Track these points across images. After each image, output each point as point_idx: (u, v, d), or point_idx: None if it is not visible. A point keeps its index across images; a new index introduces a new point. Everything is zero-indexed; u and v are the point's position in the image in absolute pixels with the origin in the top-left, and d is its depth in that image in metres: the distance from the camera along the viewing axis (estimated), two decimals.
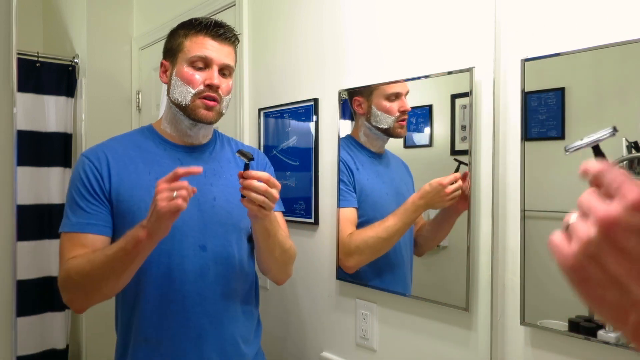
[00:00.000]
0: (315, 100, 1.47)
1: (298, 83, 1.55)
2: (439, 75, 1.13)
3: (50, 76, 2.33)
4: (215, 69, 1.10)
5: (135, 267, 0.98)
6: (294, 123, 1.56)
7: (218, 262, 1.12)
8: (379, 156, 1.32)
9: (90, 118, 2.37)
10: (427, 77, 1.16)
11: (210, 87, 1.09)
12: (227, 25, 1.15)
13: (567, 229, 0.29)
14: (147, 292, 1.08)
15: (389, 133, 1.26)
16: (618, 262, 0.25)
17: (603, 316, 0.28)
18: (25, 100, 2.23)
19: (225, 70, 1.13)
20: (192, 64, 1.10)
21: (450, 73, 1.11)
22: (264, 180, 0.96)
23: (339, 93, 1.38)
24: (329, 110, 1.44)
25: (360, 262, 1.32)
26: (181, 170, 0.90)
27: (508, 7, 1.02)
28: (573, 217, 0.29)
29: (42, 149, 2.29)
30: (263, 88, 1.70)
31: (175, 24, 1.18)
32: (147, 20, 2.42)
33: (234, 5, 1.79)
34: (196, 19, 1.13)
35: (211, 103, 1.10)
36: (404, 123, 1.23)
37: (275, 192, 0.98)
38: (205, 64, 1.10)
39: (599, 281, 0.26)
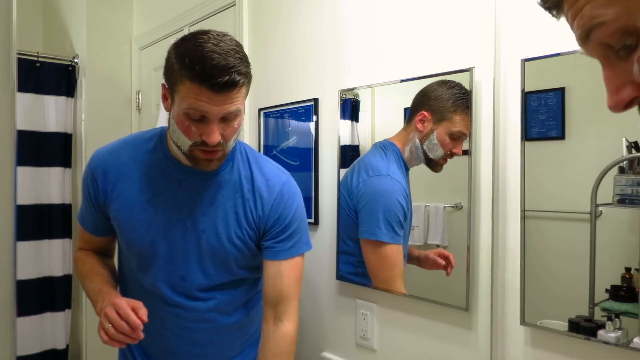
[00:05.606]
0: (315, 100, 1.47)
1: (298, 83, 1.55)
2: (439, 75, 1.13)
3: (50, 76, 2.33)
4: (214, 122, 0.94)
5: None
6: (293, 123, 1.56)
7: (200, 290, 1.12)
8: (408, 173, 1.26)
9: (90, 118, 2.37)
10: (427, 77, 1.16)
11: (206, 142, 0.96)
12: (231, 68, 0.89)
13: None
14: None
15: (429, 162, 1.18)
16: None
17: None
18: (25, 100, 2.23)
19: (228, 117, 0.96)
20: (187, 114, 0.94)
21: (450, 73, 1.11)
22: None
23: (340, 92, 1.38)
24: (329, 110, 1.44)
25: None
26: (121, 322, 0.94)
27: (508, 7, 1.02)
28: None
29: (42, 149, 2.29)
30: (263, 88, 1.70)
31: (175, 24, 1.12)
32: (147, 20, 2.42)
33: (234, 5, 1.79)
34: (192, 60, 0.89)
35: (211, 155, 0.99)
36: (445, 162, 1.15)
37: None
38: (201, 116, 0.94)
39: None
